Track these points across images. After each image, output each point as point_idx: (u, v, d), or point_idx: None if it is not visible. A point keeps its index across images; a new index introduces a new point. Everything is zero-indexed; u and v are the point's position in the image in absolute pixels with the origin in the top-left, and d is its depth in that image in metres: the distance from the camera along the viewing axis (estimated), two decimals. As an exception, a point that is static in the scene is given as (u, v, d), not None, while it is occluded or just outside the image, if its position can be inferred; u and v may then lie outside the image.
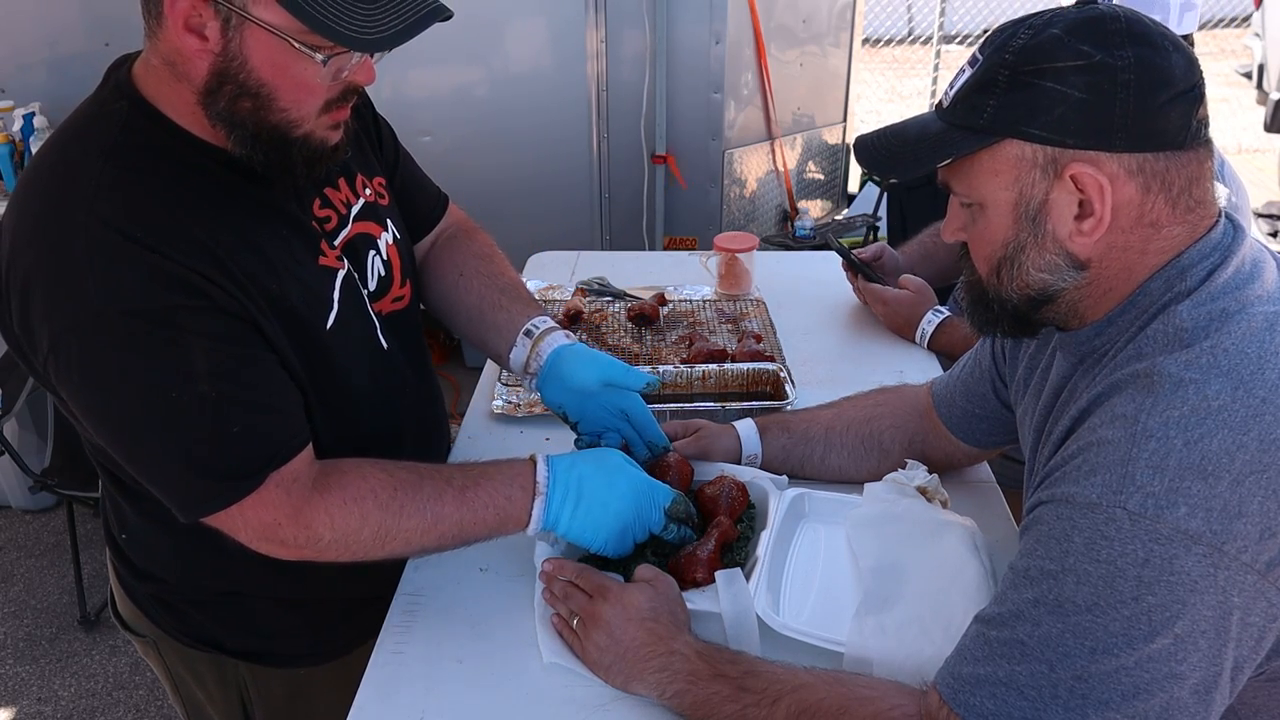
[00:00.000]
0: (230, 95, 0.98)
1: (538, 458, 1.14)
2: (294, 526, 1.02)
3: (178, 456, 0.99)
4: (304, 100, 1.00)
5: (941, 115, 0.93)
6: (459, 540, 1.10)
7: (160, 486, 1.02)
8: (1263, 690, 0.89)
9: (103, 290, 0.93)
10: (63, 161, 1.02)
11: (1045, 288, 0.93)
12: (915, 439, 1.34)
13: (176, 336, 0.96)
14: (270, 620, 1.27)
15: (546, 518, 1.11)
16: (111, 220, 0.95)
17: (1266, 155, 6.30)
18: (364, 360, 1.19)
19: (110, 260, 0.94)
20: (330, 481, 1.05)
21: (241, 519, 1.02)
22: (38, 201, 1.00)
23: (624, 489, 1.13)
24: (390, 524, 1.06)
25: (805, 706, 0.92)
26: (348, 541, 1.05)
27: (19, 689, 2.56)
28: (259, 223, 1.07)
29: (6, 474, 3.12)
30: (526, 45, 3.21)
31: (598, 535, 1.12)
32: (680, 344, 1.78)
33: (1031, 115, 0.86)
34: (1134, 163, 0.85)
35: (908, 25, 8.44)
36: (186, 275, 0.97)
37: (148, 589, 1.27)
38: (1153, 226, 0.88)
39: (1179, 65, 0.85)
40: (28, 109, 3.15)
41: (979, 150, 0.90)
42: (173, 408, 0.97)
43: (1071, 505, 0.83)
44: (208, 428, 0.98)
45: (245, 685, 1.32)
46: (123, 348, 0.95)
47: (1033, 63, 0.86)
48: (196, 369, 0.97)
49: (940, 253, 1.95)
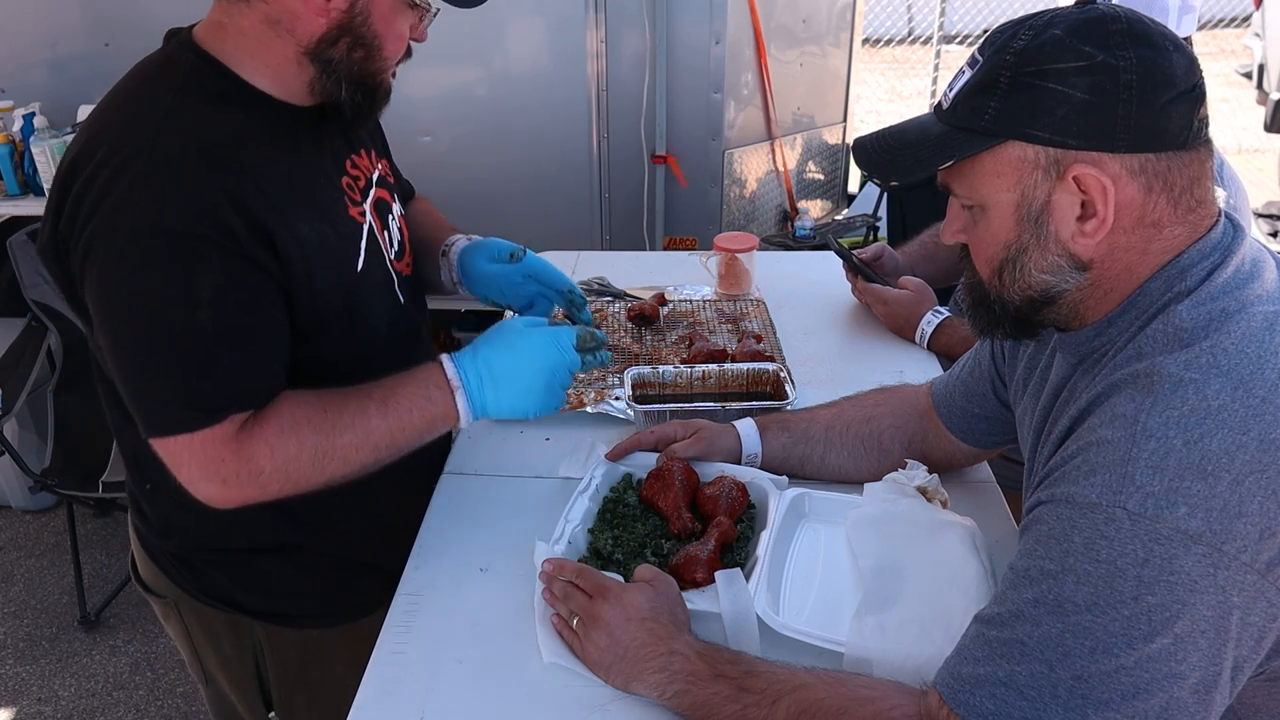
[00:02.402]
0: (347, 46, 1.12)
1: (442, 357, 1.21)
2: (236, 461, 1.07)
3: (158, 374, 1.06)
4: (396, 51, 1.17)
5: (942, 117, 0.93)
6: (393, 449, 1.16)
7: (133, 398, 1.09)
8: (1262, 690, 0.90)
9: (142, 208, 1.02)
10: (135, 97, 1.12)
11: (1047, 289, 0.92)
12: (915, 439, 1.34)
13: (193, 265, 1.03)
14: (285, 580, 1.33)
15: (473, 406, 1.17)
16: (171, 148, 1.05)
17: (1266, 155, 6.30)
18: (384, 310, 1.29)
19: (158, 183, 1.03)
20: (263, 415, 1.10)
21: (190, 451, 1.07)
22: (109, 125, 1.09)
23: (530, 352, 1.19)
24: (325, 444, 1.11)
25: (805, 706, 0.92)
26: (288, 469, 1.10)
27: (19, 689, 2.56)
28: (306, 169, 1.18)
29: (6, 474, 3.12)
30: (526, 45, 3.21)
31: (527, 403, 1.19)
32: (680, 344, 1.78)
33: (1034, 116, 0.86)
34: (1136, 163, 0.85)
35: (908, 25, 8.44)
36: (224, 213, 1.05)
37: (168, 546, 1.32)
38: (1154, 227, 0.88)
39: (1180, 65, 0.85)
40: (28, 109, 3.15)
41: (980, 152, 0.90)
42: (168, 328, 1.04)
43: (1071, 505, 0.83)
44: (194, 356, 1.05)
45: (260, 647, 1.37)
46: (141, 263, 1.03)
47: (1034, 64, 0.86)
48: (201, 299, 1.04)
49: (941, 253, 1.95)
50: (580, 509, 1.25)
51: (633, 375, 1.56)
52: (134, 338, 1.05)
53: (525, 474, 1.42)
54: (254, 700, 1.44)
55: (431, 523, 1.32)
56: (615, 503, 1.29)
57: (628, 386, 1.53)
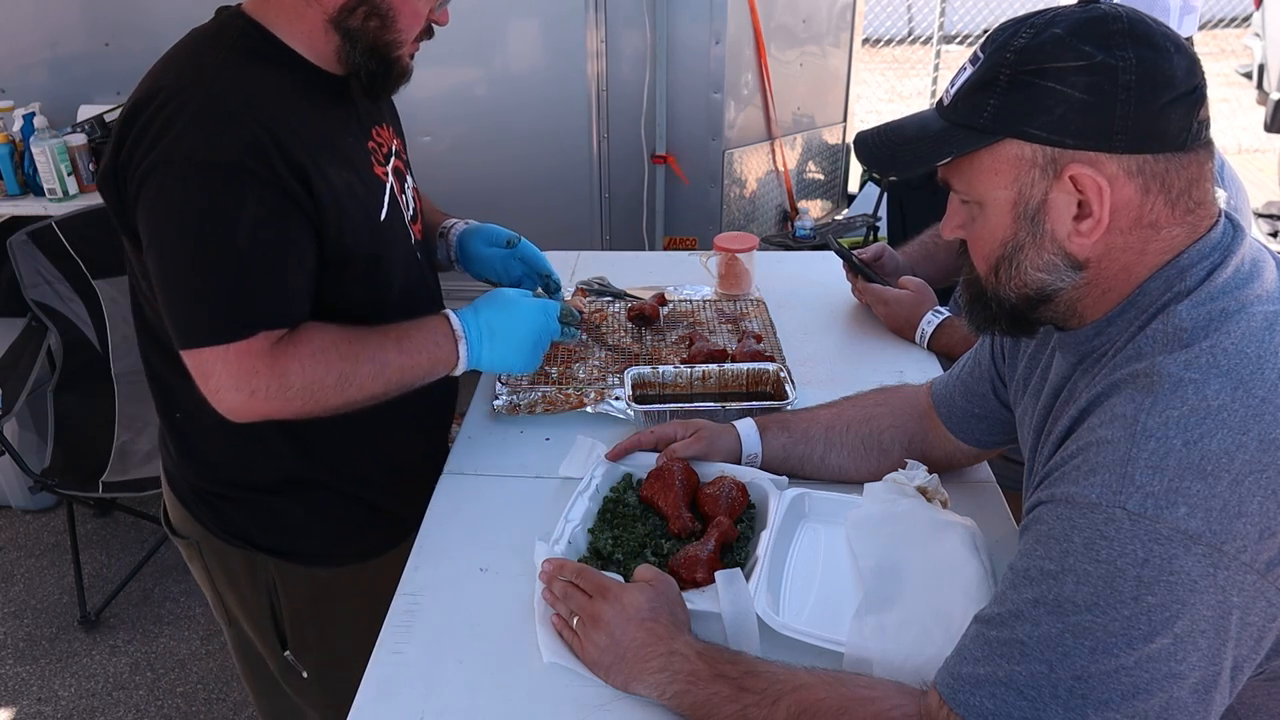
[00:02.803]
0: (364, 15, 1.25)
1: (447, 311, 1.37)
2: (269, 374, 1.18)
3: (199, 289, 1.17)
4: (412, 26, 1.29)
5: (942, 113, 0.93)
6: (401, 385, 1.30)
7: (173, 311, 1.19)
8: (1262, 690, 0.90)
9: (196, 142, 1.15)
10: (191, 54, 1.25)
11: (1043, 287, 0.93)
12: (915, 439, 1.34)
13: (237, 193, 1.16)
14: (298, 519, 1.43)
15: (470, 356, 1.35)
16: (224, 94, 1.18)
17: (1266, 155, 6.30)
18: (401, 261, 1.41)
19: (210, 122, 1.16)
20: (296, 337, 1.22)
21: (224, 362, 1.17)
22: (168, 75, 1.22)
23: (523, 315, 1.39)
24: (349, 371, 1.24)
25: (805, 706, 0.92)
26: (313, 389, 1.22)
27: (19, 689, 2.56)
28: (336, 125, 1.31)
29: (6, 474, 3.12)
30: (526, 45, 3.21)
31: (515, 359, 1.38)
32: (680, 344, 1.78)
33: (1031, 115, 0.86)
34: (1133, 164, 0.85)
35: (908, 25, 8.44)
36: (268, 153, 1.17)
37: (190, 479, 1.43)
38: (1152, 227, 0.88)
39: (1180, 66, 0.85)
40: (28, 109, 3.15)
41: (979, 149, 0.90)
42: (208, 246, 1.16)
43: (1071, 505, 0.83)
44: (231, 273, 1.17)
45: (274, 585, 1.46)
46: (192, 189, 1.15)
47: (1034, 62, 0.86)
48: (242, 225, 1.16)
49: (941, 253, 1.95)
50: (580, 509, 1.25)
51: (633, 375, 1.56)
52: (180, 255, 1.17)
53: (525, 474, 1.43)
54: (270, 638, 1.52)
55: (431, 523, 1.32)
56: (615, 503, 1.29)
57: (628, 386, 1.53)
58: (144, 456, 2.82)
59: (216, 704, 2.49)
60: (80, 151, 3.01)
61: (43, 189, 3.00)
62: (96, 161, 3.05)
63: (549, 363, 1.71)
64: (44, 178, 2.98)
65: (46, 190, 3.00)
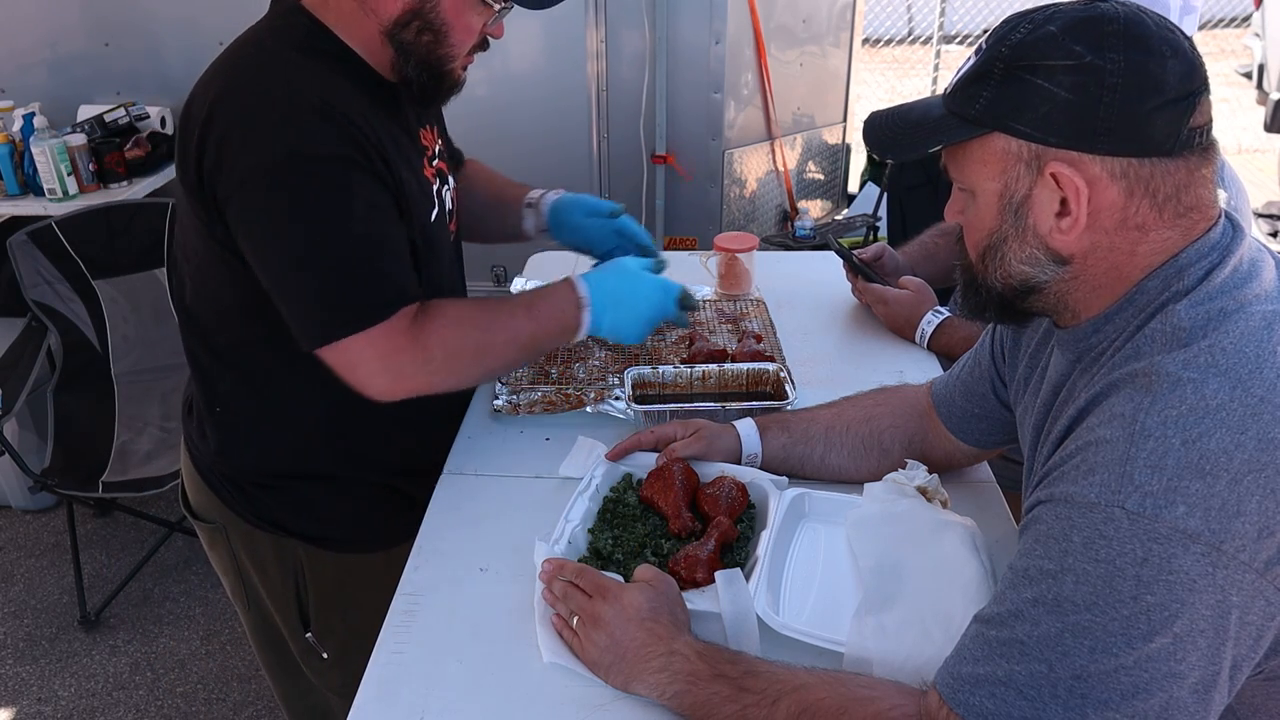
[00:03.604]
0: (417, 29, 1.25)
1: (574, 277, 1.40)
2: (412, 350, 1.22)
3: (328, 283, 1.19)
4: (465, 41, 1.29)
5: (944, 101, 0.95)
6: (533, 350, 1.38)
7: (301, 310, 1.21)
8: (1261, 689, 0.90)
9: (293, 138, 1.16)
10: (259, 50, 1.24)
11: (1026, 279, 0.94)
12: (915, 439, 1.34)
13: (344, 184, 1.18)
14: (329, 506, 1.45)
15: (592, 323, 1.38)
16: (304, 90, 1.18)
17: (1266, 155, 6.29)
18: (445, 261, 1.45)
19: (302, 117, 1.16)
20: (429, 311, 1.26)
21: (371, 346, 1.20)
22: (241, 75, 1.21)
23: (646, 289, 1.42)
24: (485, 340, 1.30)
25: (805, 706, 0.92)
26: (452, 361, 1.27)
27: (19, 689, 2.56)
28: (396, 126, 1.33)
29: (6, 474, 3.12)
30: (526, 45, 3.21)
31: (631, 330, 1.40)
32: (680, 344, 1.78)
33: (1019, 111, 0.87)
34: (1117, 166, 0.86)
35: (908, 25, 8.43)
36: (361, 143, 1.19)
37: (224, 469, 1.44)
38: (1139, 230, 0.88)
39: (1174, 72, 0.84)
40: (28, 109, 3.15)
41: (970, 140, 0.91)
42: (330, 239, 1.18)
43: (1070, 505, 0.83)
44: (359, 261, 1.19)
45: (301, 569, 1.48)
46: (300, 187, 1.16)
47: (1026, 59, 0.87)
48: (356, 213, 1.18)
49: (941, 253, 1.95)
50: (580, 509, 1.25)
51: (633, 375, 1.56)
52: (302, 254, 1.18)
53: (525, 474, 1.43)
54: (293, 620, 1.54)
55: (431, 523, 1.32)
56: (615, 503, 1.29)
57: (628, 386, 1.53)
58: (144, 456, 2.82)
59: (216, 704, 2.49)
60: (80, 151, 3.01)
61: (43, 189, 3.00)
62: (96, 161, 3.05)
63: (549, 363, 1.71)
64: (44, 178, 2.98)
65: (46, 190, 2.99)
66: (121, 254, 2.93)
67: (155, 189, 3.16)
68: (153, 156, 3.22)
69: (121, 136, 3.16)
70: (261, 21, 1.29)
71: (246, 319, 1.30)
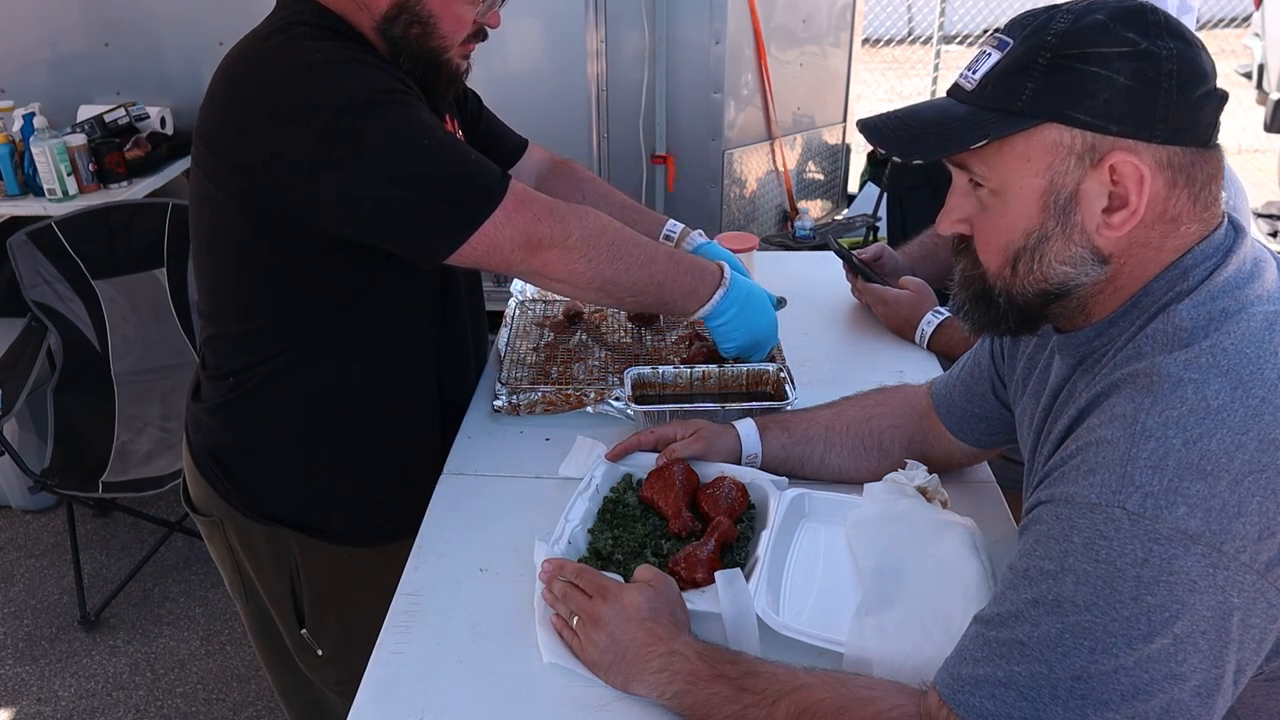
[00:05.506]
0: (405, 22, 1.27)
1: (724, 264, 1.44)
2: (550, 221, 1.25)
3: (442, 184, 1.21)
4: (456, 32, 1.31)
5: (964, 98, 0.91)
6: (659, 288, 1.36)
7: (421, 225, 1.22)
8: (1261, 690, 0.89)
9: (349, 84, 1.18)
10: (273, 42, 1.24)
11: (1065, 281, 0.91)
12: (915, 439, 1.34)
13: (409, 105, 1.21)
14: (325, 497, 1.46)
15: (718, 308, 1.41)
16: (337, 51, 1.20)
17: (1266, 155, 6.29)
18: None
19: (347, 68, 1.19)
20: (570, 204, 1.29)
21: (508, 222, 1.22)
22: (262, 63, 1.23)
23: (769, 318, 1.51)
24: (624, 244, 1.31)
25: (805, 707, 0.92)
26: (590, 244, 1.28)
27: (19, 689, 2.56)
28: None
29: (6, 474, 3.12)
30: (526, 45, 3.21)
31: (739, 336, 1.46)
32: (680, 344, 1.78)
33: (1075, 99, 0.84)
34: (1165, 155, 0.85)
35: (908, 25, 8.44)
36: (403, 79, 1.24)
37: (226, 456, 1.45)
38: (1173, 222, 0.88)
39: (1208, 63, 0.86)
40: (28, 109, 3.15)
41: (1014, 134, 0.87)
42: (419, 151, 1.20)
43: (1070, 505, 0.83)
44: (457, 158, 1.23)
45: (296, 563, 1.48)
46: (381, 117, 1.19)
47: (1076, 46, 0.85)
48: (430, 123, 1.22)
49: (941, 253, 1.95)
50: (580, 509, 1.25)
51: (633, 375, 1.56)
52: (406, 172, 1.20)
53: (525, 474, 1.43)
54: (288, 615, 1.54)
55: (431, 523, 1.32)
56: (615, 503, 1.29)
57: (628, 387, 1.53)
58: (144, 456, 2.82)
59: (216, 704, 2.49)
60: (80, 151, 3.00)
61: (42, 189, 3.00)
62: (96, 162, 3.05)
63: (549, 363, 1.71)
64: (44, 178, 2.98)
65: (46, 190, 2.99)
66: (121, 254, 2.93)
67: (155, 189, 3.16)
68: (153, 156, 3.22)
69: (121, 137, 3.16)
70: (274, 13, 1.31)
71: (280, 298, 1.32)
